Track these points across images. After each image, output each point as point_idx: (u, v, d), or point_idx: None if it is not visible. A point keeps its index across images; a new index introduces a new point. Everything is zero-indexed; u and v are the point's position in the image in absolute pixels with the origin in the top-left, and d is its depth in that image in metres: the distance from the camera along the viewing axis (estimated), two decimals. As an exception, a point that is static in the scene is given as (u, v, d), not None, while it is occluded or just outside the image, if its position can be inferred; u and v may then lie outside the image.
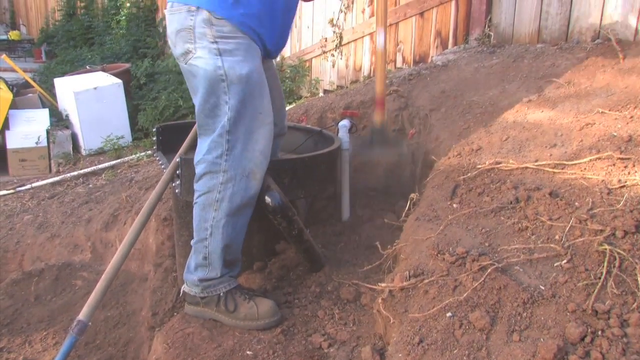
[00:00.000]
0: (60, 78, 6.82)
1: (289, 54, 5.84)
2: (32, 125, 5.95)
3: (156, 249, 3.18)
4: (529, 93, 2.82)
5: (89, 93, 5.95)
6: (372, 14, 4.79)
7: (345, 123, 3.02)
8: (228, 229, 2.17)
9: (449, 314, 1.65)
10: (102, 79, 6.34)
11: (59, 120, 6.28)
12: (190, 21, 2.08)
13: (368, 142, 3.05)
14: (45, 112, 6.23)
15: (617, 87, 2.57)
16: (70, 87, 6.04)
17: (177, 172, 2.39)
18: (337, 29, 5.14)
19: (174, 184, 2.46)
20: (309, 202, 3.02)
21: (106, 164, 5.27)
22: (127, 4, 9.19)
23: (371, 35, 4.76)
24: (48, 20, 12.80)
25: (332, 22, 5.19)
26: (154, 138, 3.00)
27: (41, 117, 6.10)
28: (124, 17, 9.13)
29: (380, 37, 2.88)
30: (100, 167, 5.23)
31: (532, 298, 1.60)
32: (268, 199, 2.18)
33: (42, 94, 7.01)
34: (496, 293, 1.65)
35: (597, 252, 1.66)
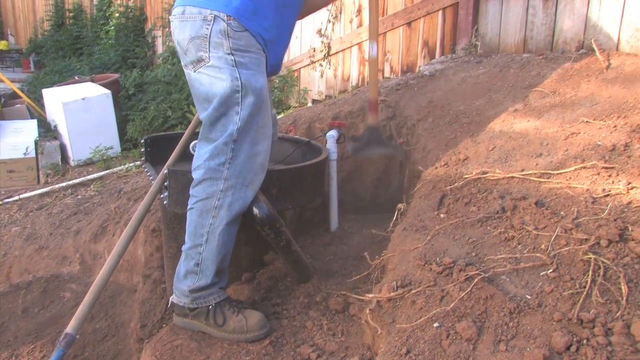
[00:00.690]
0: (49, 89, 6.81)
1: (277, 63, 5.84)
2: (20, 136, 5.93)
3: (145, 260, 3.18)
4: (515, 102, 2.84)
5: (77, 104, 5.94)
6: (359, 24, 4.82)
7: (333, 133, 3.03)
8: (224, 236, 2.18)
9: (436, 324, 1.65)
10: (90, 89, 6.33)
11: (47, 131, 6.27)
12: (206, 30, 2.09)
13: (363, 141, 3.04)
14: (34, 122, 6.21)
15: (601, 97, 2.60)
16: (59, 97, 6.02)
17: (165, 183, 2.39)
18: (325, 39, 5.17)
19: (162, 196, 2.46)
20: (297, 212, 3.02)
21: (95, 175, 5.25)
22: (116, 14, 9.20)
23: (359, 45, 4.79)
24: (37, 30, 12.79)
25: (320, 32, 5.21)
26: (142, 149, 3.00)
27: (29, 128, 6.08)
28: (112, 27, 9.13)
29: (373, 50, 2.92)
30: (89, 178, 5.21)
31: (519, 308, 1.61)
32: (256, 210, 2.18)
33: (30, 104, 6.99)
34: (483, 303, 1.66)
35: (582, 261, 1.67)
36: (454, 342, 1.59)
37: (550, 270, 1.69)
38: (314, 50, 5.33)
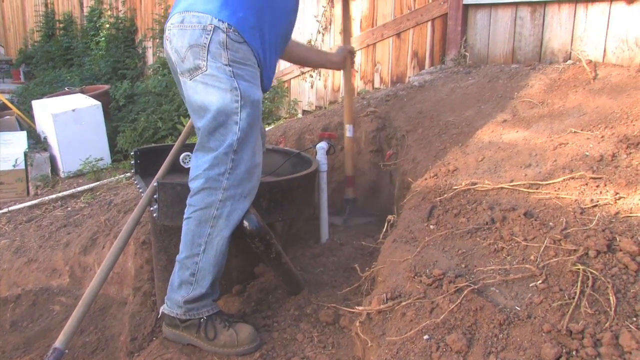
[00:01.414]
0: (38, 100, 6.79)
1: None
2: (10, 148, 5.89)
3: (135, 273, 3.16)
4: (504, 113, 2.86)
5: (67, 115, 5.92)
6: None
7: (323, 145, 3.04)
8: (222, 246, 2.18)
9: (426, 337, 1.65)
10: (80, 100, 6.31)
11: (37, 142, 6.23)
12: (205, 39, 2.09)
13: (346, 215, 3.28)
14: (23, 134, 6.18)
15: (588, 107, 2.62)
16: (49, 109, 6.00)
17: (155, 196, 2.39)
18: (316, 49, 5.18)
19: (152, 208, 2.45)
20: (288, 224, 3.02)
21: (85, 187, 5.22)
22: (107, 25, 9.20)
23: (349, 56, 4.80)
24: (27, 41, 12.77)
25: (310, 43, 5.23)
26: (132, 161, 2.99)
27: (19, 140, 6.04)
28: (103, 38, 9.13)
29: (350, 131, 3.28)
30: (79, 189, 5.18)
31: (508, 319, 1.61)
32: (245, 222, 2.18)
33: (20, 116, 6.95)
34: (473, 315, 1.66)
35: (571, 272, 1.68)
36: (444, 354, 1.59)
37: (540, 282, 1.69)
38: (304, 61, 5.34)
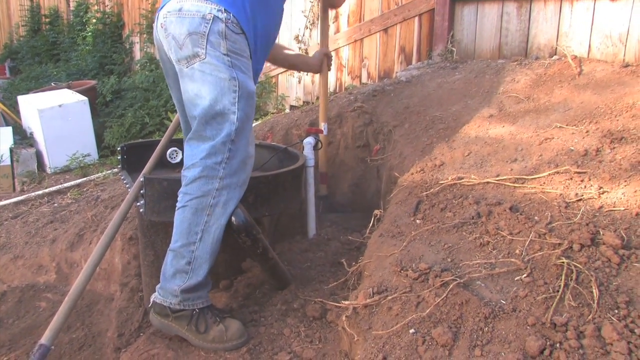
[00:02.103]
0: (24, 95, 6.73)
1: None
2: (-5, 144, 5.86)
3: (122, 269, 3.15)
4: (490, 108, 2.87)
5: (53, 110, 5.88)
6: (337, 30, 4.84)
7: (310, 140, 3.04)
8: (218, 234, 2.18)
9: (411, 331, 1.66)
10: (67, 96, 6.27)
11: (23, 138, 6.19)
12: (205, 28, 2.09)
13: (318, 210, 3.25)
14: (8, 130, 6.13)
15: (573, 102, 2.64)
16: (35, 104, 5.96)
17: (142, 191, 2.38)
18: (303, 45, 5.18)
19: (138, 204, 2.44)
20: (274, 219, 3.02)
21: (72, 183, 5.19)
22: (93, 20, 9.13)
23: (336, 52, 4.80)
24: (12, 36, 12.65)
25: (297, 38, 5.22)
26: (119, 157, 2.98)
27: (4, 135, 5.99)
28: (90, 33, 9.06)
29: (325, 129, 3.29)
30: (65, 185, 5.15)
31: (494, 313, 1.62)
32: (232, 217, 2.18)
33: (5, 111, 6.90)
34: (458, 308, 1.67)
35: (556, 265, 1.69)
36: (429, 348, 1.60)
37: (525, 275, 1.71)
38: (292, 56, 5.33)
